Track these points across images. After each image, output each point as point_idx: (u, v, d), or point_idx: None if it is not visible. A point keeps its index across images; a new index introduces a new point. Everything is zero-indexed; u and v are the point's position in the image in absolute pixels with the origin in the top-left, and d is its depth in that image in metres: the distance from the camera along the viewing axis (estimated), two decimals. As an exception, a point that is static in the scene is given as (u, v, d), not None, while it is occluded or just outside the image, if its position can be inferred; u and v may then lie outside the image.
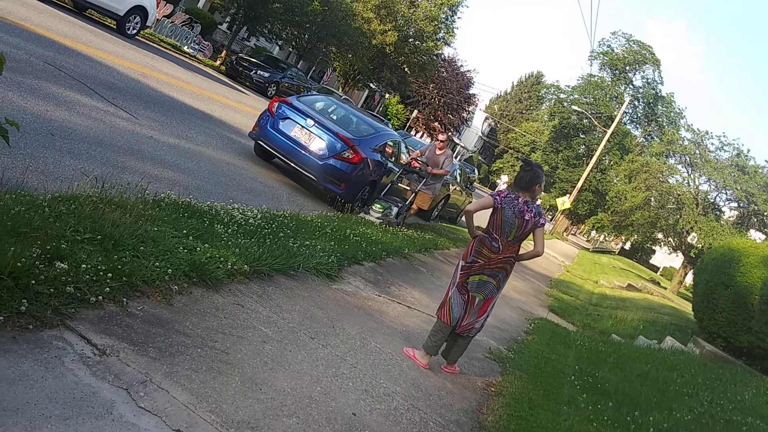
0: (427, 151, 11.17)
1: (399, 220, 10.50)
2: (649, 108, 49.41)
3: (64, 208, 3.78)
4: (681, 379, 6.84)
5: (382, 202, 10.13)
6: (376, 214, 9.88)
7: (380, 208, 9.98)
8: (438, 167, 10.87)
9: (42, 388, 2.47)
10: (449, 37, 39.85)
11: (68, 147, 5.86)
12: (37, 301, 2.89)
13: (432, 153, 11.04)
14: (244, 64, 25.01)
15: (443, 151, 11.04)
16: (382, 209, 9.98)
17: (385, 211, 10.00)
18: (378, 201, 10.18)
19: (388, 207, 10.11)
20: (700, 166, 30.95)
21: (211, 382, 3.09)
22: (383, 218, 9.87)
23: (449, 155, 11.07)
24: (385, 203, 10.14)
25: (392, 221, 10.12)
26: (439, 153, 11.00)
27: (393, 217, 10.15)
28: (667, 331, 11.15)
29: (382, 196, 10.50)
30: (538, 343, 7.47)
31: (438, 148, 11.04)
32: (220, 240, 4.87)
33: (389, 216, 10.04)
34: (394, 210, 10.23)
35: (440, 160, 10.91)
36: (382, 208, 9.99)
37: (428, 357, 5.02)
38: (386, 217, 9.96)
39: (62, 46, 10.37)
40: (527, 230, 4.78)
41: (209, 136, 10.02)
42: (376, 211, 9.94)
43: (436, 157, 10.96)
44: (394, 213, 10.18)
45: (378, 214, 9.88)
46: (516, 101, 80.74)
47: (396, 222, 10.32)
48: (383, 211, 9.97)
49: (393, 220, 10.15)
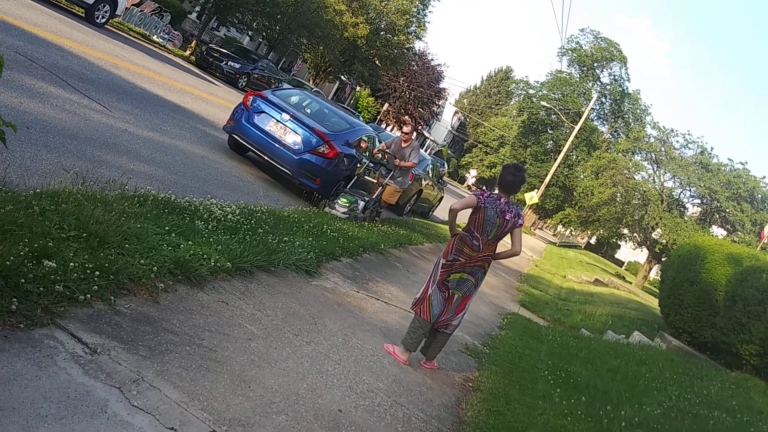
0: (393, 144, 10.77)
1: (366, 214, 10.07)
2: (615, 105, 50.18)
3: (48, 205, 3.76)
4: (650, 374, 7.03)
5: (348, 196, 9.63)
6: (341, 208, 9.38)
7: (346, 203, 9.47)
8: (404, 160, 10.48)
9: (36, 388, 2.48)
10: (420, 31, 39.97)
11: (44, 140, 5.78)
12: (27, 300, 2.88)
13: (398, 146, 10.64)
14: (214, 55, 24.73)
15: (409, 143, 10.62)
16: (348, 203, 9.49)
17: (351, 205, 9.51)
18: (344, 195, 9.67)
19: (354, 201, 9.62)
20: (665, 163, 31.60)
21: (201, 380, 3.12)
22: (349, 213, 9.40)
23: (415, 147, 10.69)
24: (351, 197, 9.64)
25: (359, 216, 9.67)
26: (405, 145, 10.58)
27: (360, 212, 9.70)
28: (634, 326, 11.42)
29: (347, 190, 10.01)
30: (511, 338, 7.61)
31: (403, 140, 10.61)
32: (201, 236, 4.88)
33: (355, 210, 9.58)
34: (361, 204, 9.73)
35: (406, 153, 10.52)
36: (348, 203, 9.49)
37: (408, 353, 5.10)
38: (352, 212, 9.50)
39: (32, 36, 10.18)
40: (506, 230, 4.88)
41: (183, 128, 9.94)
42: (341, 205, 9.43)
43: (402, 149, 10.57)
44: (360, 207, 9.71)
45: (344, 209, 9.39)
46: (485, 96, 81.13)
47: (363, 217, 9.87)
48: (349, 205, 9.48)
49: (360, 214, 9.70)
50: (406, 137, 10.55)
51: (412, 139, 10.66)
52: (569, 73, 50.28)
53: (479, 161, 74.02)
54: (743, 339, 8.46)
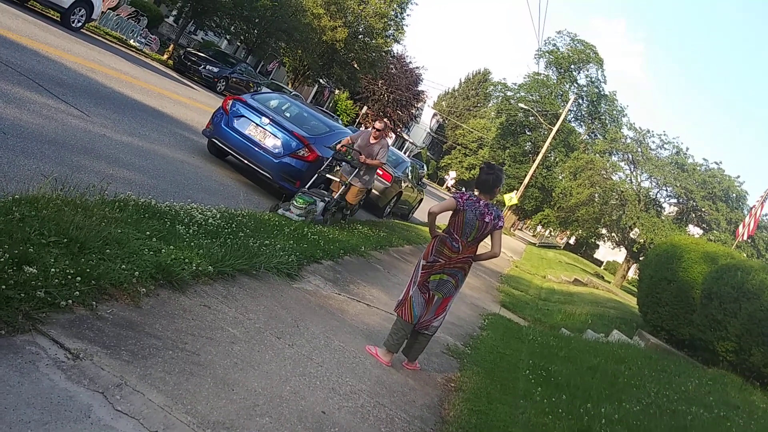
0: (360, 139, 9.81)
1: (326, 217, 9.11)
2: (592, 106, 50.74)
3: (27, 211, 3.73)
4: (629, 372, 7.13)
5: (304, 197, 8.60)
6: (296, 210, 8.38)
7: (302, 203, 8.46)
8: (371, 157, 9.62)
9: (19, 394, 2.47)
10: (398, 34, 40.09)
11: (21, 146, 5.74)
12: (8, 306, 2.86)
13: (365, 141, 9.70)
14: (192, 59, 24.62)
15: (378, 140, 9.73)
16: (304, 205, 8.47)
17: (308, 206, 8.51)
18: (300, 195, 8.64)
19: (311, 202, 8.63)
20: (642, 164, 32.00)
21: (184, 383, 3.12)
22: (305, 215, 8.43)
23: (385, 145, 9.83)
24: (308, 198, 8.63)
25: (317, 218, 8.74)
26: (374, 142, 9.68)
27: (318, 214, 8.78)
28: (613, 325, 11.56)
29: (305, 190, 9.01)
30: (492, 338, 7.67)
31: (373, 136, 9.69)
32: (182, 241, 4.87)
33: (312, 213, 8.63)
34: (320, 205, 8.80)
35: (375, 150, 9.63)
36: (304, 204, 8.48)
37: (390, 354, 5.13)
38: (309, 214, 8.53)
39: (7, 40, 10.08)
40: (486, 232, 4.94)
41: (161, 133, 9.89)
42: (297, 206, 8.41)
43: (370, 146, 9.66)
44: (319, 209, 8.79)
45: (299, 211, 8.37)
46: (463, 98, 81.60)
47: (321, 219, 8.92)
48: (306, 206, 8.47)
49: (318, 216, 8.77)
50: (377, 134, 9.70)
51: (383, 137, 9.92)
52: (546, 75, 50.77)
53: (458, 163, 74.42)
54: (719, 336, 8.61)
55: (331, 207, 9.11)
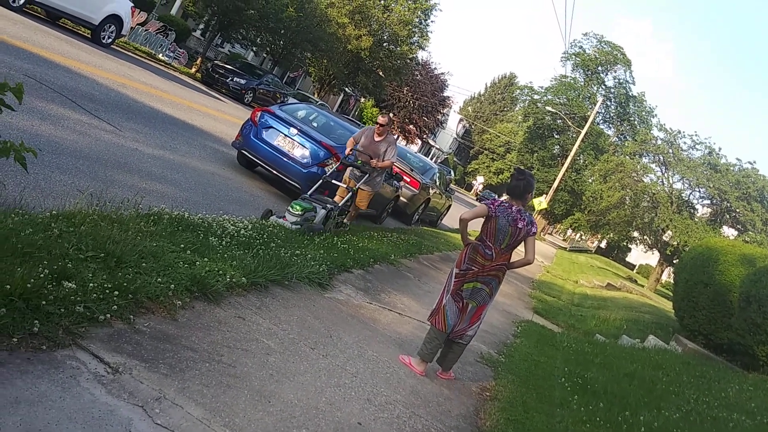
0: (363, 137, 9.04)
1: (328, 226, 8.25)
2: (621, 108, 50.23)
3: (65, 227, 3.80)
4: (667, 378, 7.00)
5: (303, 203, 7.72)
6: (292, 217, 7.49)
7: (299, 210, 7.56)
8: (378, 156, 8.92)
9: (61, 408, 2.50)
10: (423, 41, 40.10)
11: (57, 162, 5.84)
12: (49, 322, 2.91)
13: (369, 140, 8.98)
14: (220, 71, 24.91)
15: (384, 137, 8.99)
16: (302, 211, 7.58)
17: (306, 213, 7.63)
18: (298, 201, 7.80)
19: (311, 209, 7.77)
20: (674, 165, 31.48)
21: (221, 396, 3.14)
22: (302, 223, 7.54)
23: (392, 142, 9.03)
24: (307, 204, 7.77)
25: (315, 227, 7.83)
26: (379, 139, 8.96)
27: (318, 223, 7.92)
28: (649, 330, 11.37)
29: (308, 195, 8.21)
30: (526, 346, 7.59)
31: (377, 133, 8.97)
32: (216, 253, 4.91)
33: (311, 220, 7.76)
34: (321, 213, 7.93)
35: (381, 149, 8.92)
36: (301, 210, 7.57)
37: (424, 364, 5.10)
38: (307, 222, 7.66)
39: (40, 58, 10.30)
40: (519, 238, 4.89)
41: (192, 146, 10.01)
42: (292, 213, 7.52)
43: (374, 145, 8.94)
44: (319, 217, 7.91)
45: (295, 218, 7.49)
46: (490, 103, 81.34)
47: (321, 228, 7.99)
48: (303, 213, 7.59)
49: (317, 225, 7.88)
50: (381, 130, 8.96)
51: (388, 133, 9.11)
52: (574, 78, 50.42)
53: (486, 168, 74.13)
54: (759, 340, 8.40)
55: (333, 215, 8.26)
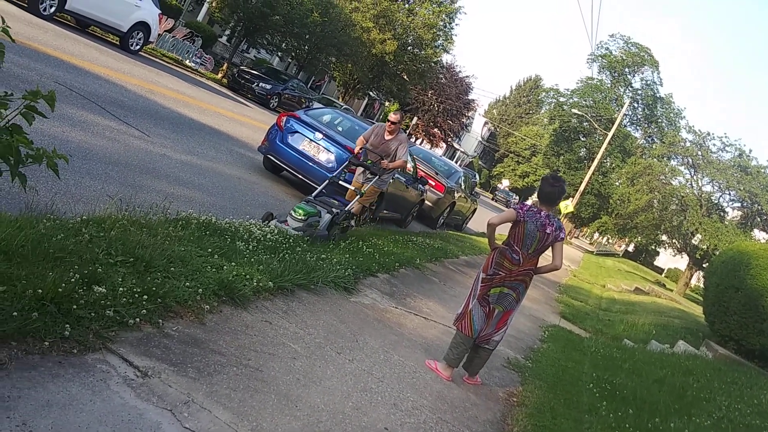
0: (373, 135, 8.56)
1: (332, 232, 7.52)
2: (648, 110, 49.57)
3: (95, 232, 3.85)
4: (697, 384, 6.88)
5: (306, 206, 7.14)
6: (294, 222, 6.90)
7: (302, 214, 6.96)
8: (389, 156, 8.42)
9: (92, 412, 2.53)
10: (448, 44, 40.09)
11: (87, 168, 5.93)
12: (79, 326, 2.95)
13: (380, 138, 8.50)
14: (245, 77, 25.13)
15: (395, 135, 8.51)
16: (306, 216, 6.98)
17: (309, 219, 7.03)
18: (301, 204, 7.20)
19: (315, 214, 7.17)
20: (703, 168, 31.01)
21: (249, 400, 3.15)
22: (305, 229, 6.92)
23: (403, 140, 8.54)
24: (311, 208, 7.17)
25: (319, 233, 7.17)
26: (390, 138, 8.48)
27: (323, 229, 7.27)
28: (678, 335, 11.19)
29: (312, 198, 7.62)
30: (553, 351, 7.52)
31: (388, 130, 8.47)
32: (242, 257, 4.94)
33: (314, 226, 7.13)
34: (326, 218, 7.32)
35: (392, 147, 8.42)
36: (304, 214, 6.97)
37: (450, 369, 5.07)
38: (311, 227, 7.04)
39: (70, 65, 10.47)
40: (547, 243, 4.84)
41: (219, 151, 10.11)
42: (295, 218, 6.93)
43: (385, 143, 8.46)
44: (324, 222, 7.29)
45: (297, 223, 6.90)
46: (515, 105, 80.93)
47: (325, 235, 7.30)
48: (306, 218, 6.99)
49: (321, 232, 7.23)
50: (392, 127, 8.47)
51: (399, 131, 8.65)
52: (600, 80, 49.89)
53: (511, 171, 73.73)
54: (793, 346, 8.23)
55: (339, 220, 7.57)
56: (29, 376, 2.54)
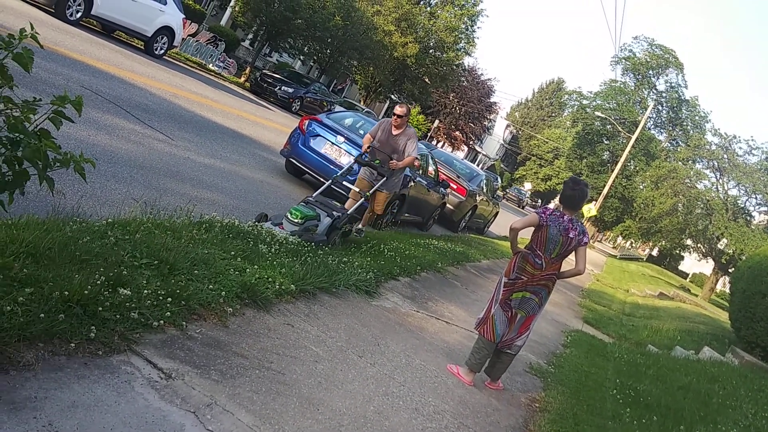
0: (379, 131, 7.96)
1: (332, 237, 6.87)
2: (673, 112, 49.06)
3: (120, 235, 3.90)
4: (723, 391, 6.78)
5: (304, 209, 6.50)
6: (290, 226, 6.31)
7: (299, 217, 6.36)
8: (396, 152, 7.85)
9: (116, 413, 2.55)
10: (470, 47, 39.98)
11: (112, 171, 6.00)
12: (105, 327, 2.98)
13: (387, 133, 7.91)
14: (268, 81, 25.28)
15: (402, 130, 7.89)
16: (303, 219, 6.38)
17: (306, 222, 6.43)
18: (299, 207, 6.55)
19: (313, 217, 6.56)
20: (729, 171, 30.62)
21: (271, 403, 3.16)
22: (301, 233, 6.29)
23: (412, 135, 7.90)
24: (309, 211, 6.56)
25: (317, 238, 6.50)
26: (397, 133, 7.88)
27: (321, 233, 6.64)
28: (703, 341, 11.03)
29: (312, 199, 7.04)
30: (576, 356, 7.46)
31: (394, 125, 7.86)
32: (265, 260, 4.96)
33: (312, 230, 6.52)
34: (324, 222, 6.71)
35: (400, 143, 7.85)
36: (302, 218, 6.38)
37: (472, 374, 5.05)
38: (307, 232, 6.41)
39: (96, 70, 10.61)
40: (570, 248, 4.79)
41: (241, 154, 10.18)
42: (291, 221, 6.35)
43: (393, 139, 7.88)
44: (323, 227, 6.68)
45: (293, 227, 6.31)
46: (537, 108, 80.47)
47: (324, 240, 6.65)
48: (303, 222, 6.39)
49: (319, 236, 6.57)
50: (399, 122, 7.84)
51: (407, 125, 8.01)
52: (623, 82, 49.49)
53: (533, 174, 73.27)
54: (822, 353, 8.07)
55: (340, 225, 6.95)
56: (55, 377, 2.57)
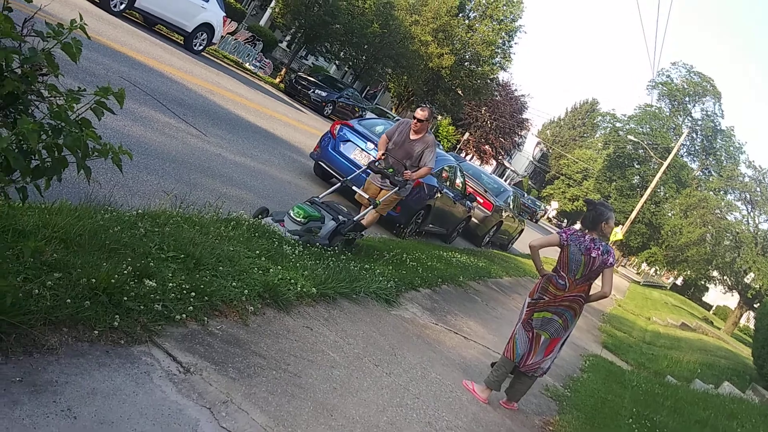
0: (396, 133, 7.30)
1: (335, 241, 6.42)
2: (707, 141, 48.39)
3: (149, 226, 3.95)
4: (741, 429, 6.66)
5: (308, 209, 6.18)
6: (292, 225, 5.98)
7: (302, 216, 6.03)
8: (410, 158, 7.22)
9: (134, 403, 2.58)
10: (505, 62, 39.84)
11: (145, 163, 6.08)
12: (128, 317, 3.01)
13: (404, 137, 7.23)
14: (302, 83, 25.44)
15: (421, 135, 7.23)
16: (306, 218, 6.05)
17: (309, 222, 6.09)
18: (302, 205, 6.23)
19: (317, 218, 6.24)
20: (761, 204, 30.10)
21: (286, 405, 3.17)
22: (303, 233, 5.96)
23: (430, 143, 7.23)
24: (314, 211, 6.24)
25: (319, 240, 6.10)
26: (415, 138, 7.21)
27: (324, 237, 6.23)
28: (724, 376, 10.84)
29: (317, 199, 6.71)
30: (593, 381, 7.37)
31: (413, 129, 7.19)
32: (288, 261, 4.99)
33: (314, 232, 6.15)
34: (328, 225, 6.34)
35: (416, 149, 7.20)
36: (305, 217, 6.04)
37: (488, 391, 5.00)
38: (309, 233, 6.05)
39: (135, 61, 10.77)
40: (595, 269, 4.73)
41: (272, 154, 10.25)
42: (293, 219, 6.01)
43: (409, 144, 7.21)
44: (327, 230, 6.29)
45: (295, 226, 5.98)
46: (569, 127, 79.92)
47: (326, 243, 6.19)
48: (307, 222, 6.06)
49: (321, 239, 6.16)
50: (419, 126, 7.18)
51: (427, 131, 7.38)
52: (659, 108, 48.93)
53: (561, 193, 72.70)
54: None
55: (344, 230, 6.52)
56: (77, 362, 2.61)
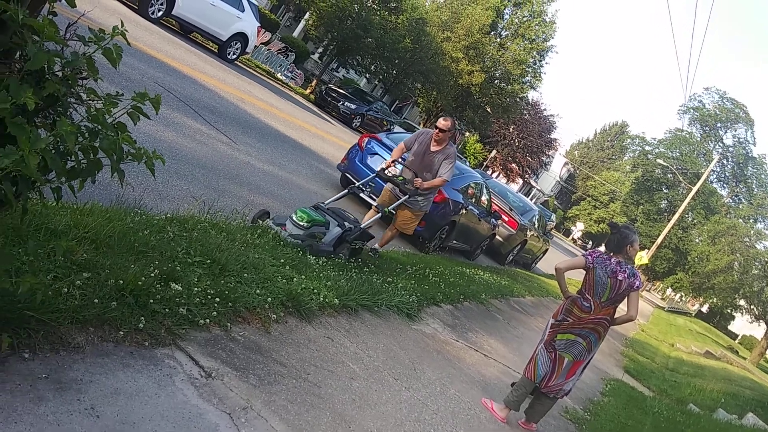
0: (416, 143, 7.07)
1: (339, 250, 6.17)
2: (738, 168, 47.70)
3: (177, 231, 4.00)
4: (766, 462, 6.51)
5: (313, 213, 5.90)
6: (294, 229, 5.69)
7: (305, 220, 5.74)
8: (430, 171, 6.97)
9: (155, 405, 2.61)
10: (536, 81, 39.71)
11: (175, 168, 6.17)
12: (153, 320, 3.06)
13: (423, 147, 6.99)
14: (332, 95, 25.65)
15: (442, 147, 6.96)
16: (309, 223, 5.76)
17: (312, 228, 5.80)
18: (307, 210, 5.92)
19: (322, 223, 5.97)
20: (792, 234, 29.53)
21: (304, 414, 3.18)
22: (306, 238, 5.69)
23: (450, 155, 6.95)
24: (318, 216, 5.97)
25: (322, 247, 5.83)
26: (435, 149, 6.95)
27: (327, 243, 5.98)
28: (748, 407, 10.62)
29: (323, 205, 6.41)
30: (614, 406, 7.27)
31: (434, 140, 6.93)
32: (312, 271, 5.02)
33: (318, 237, 5.89)
34: (333, 231, 6.07)
35: (435, 161, 6.94)
36: (309, 221, 5.76)
37: (507, 410, 4.96)
38: (312, 238, 5.77)
39: (170, 68, 10.95)
40: (621, 292, 4.68)
41: (299, 164, 10.33)
42: (295, 223, 5.71)
43: (429, 156, 6.95)
44: (331, 237, 6.03)
45: (298, 231, 5.69)
46: (598, 149, 79.41)
47: (330, 251, 5.97)
48: (310, 227, 5.77)
49: (324, 246, 5.90)
50: (440, 136, 6.91)
51: (449, 143, 7.09)
52: (690, 133, 48.43)
53: (587, 215, 72.11)
54: None
55: (350, 239, 6.23)
56: (102, 362, 2.64)
